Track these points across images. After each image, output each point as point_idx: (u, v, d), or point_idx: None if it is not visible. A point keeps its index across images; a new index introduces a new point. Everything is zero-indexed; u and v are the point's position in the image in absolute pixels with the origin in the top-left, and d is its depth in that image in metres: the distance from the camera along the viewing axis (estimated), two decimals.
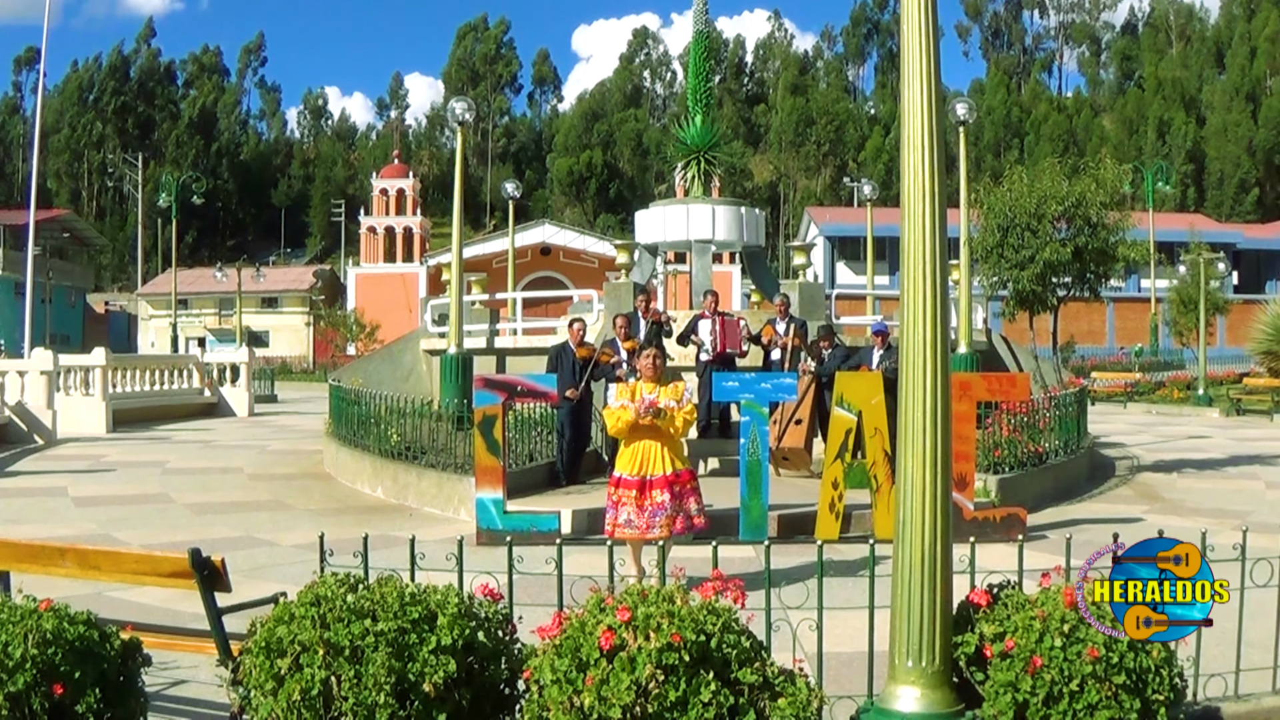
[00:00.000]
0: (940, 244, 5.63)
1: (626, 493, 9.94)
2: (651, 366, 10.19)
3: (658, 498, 9.87)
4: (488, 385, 12.92)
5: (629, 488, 9.93)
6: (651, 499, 9.87)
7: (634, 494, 9.89)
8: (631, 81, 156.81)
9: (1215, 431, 28.78)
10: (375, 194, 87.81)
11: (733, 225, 22.44)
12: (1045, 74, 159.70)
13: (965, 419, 12.61)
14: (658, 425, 9.95)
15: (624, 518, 9.93)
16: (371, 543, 6.75)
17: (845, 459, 12.72)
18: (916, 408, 5.67)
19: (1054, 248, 21.14)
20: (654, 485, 9.90)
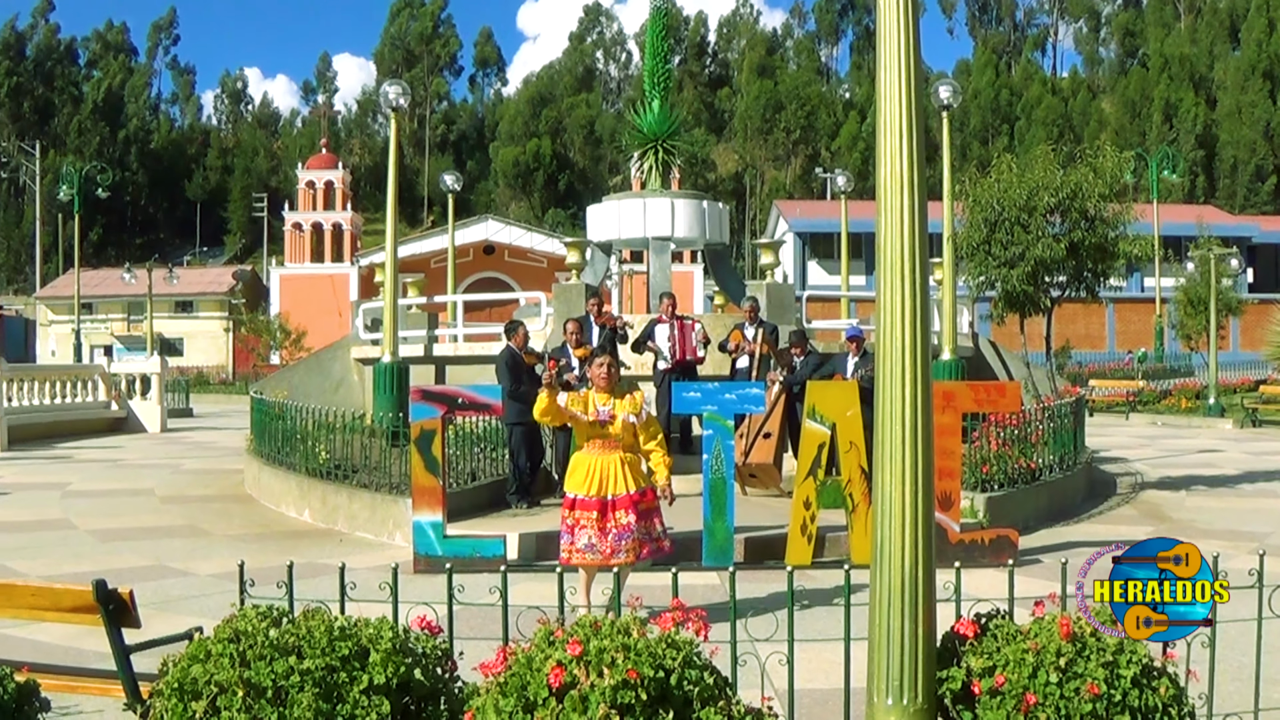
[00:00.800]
0: (921, 240, 5.65)
1: (586, 515, 9.79)
2: (605, 375, 10.04)
3: (623, 519, 9.77)
4: (426, 397, 12.87)
5: (588, 509, 9.79)
6: (616, 521, 9.76)
7: (595, 516, 9.75)
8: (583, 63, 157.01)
9: (1228, 445, 28.89)
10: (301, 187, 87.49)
11: (694, 221, 22.48)
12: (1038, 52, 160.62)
13: (949, 432, 12.66)
14: (615, 437, 9.91)
15: (584, 542, 9.76)
16: (297, 571, 6.70)
17: (818, 476, 12.74)
18: (895, 420, 5.68)
19: (1047, 244, 21.17)
20: (618, 506, 9.80)
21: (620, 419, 9.92)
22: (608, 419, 9.93)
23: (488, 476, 16.25)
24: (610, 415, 9.92)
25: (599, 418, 9.91)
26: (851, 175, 37.71)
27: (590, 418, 9.92)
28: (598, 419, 9.92)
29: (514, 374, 15.76)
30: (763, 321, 18.28)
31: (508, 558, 12.40)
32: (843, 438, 12.77)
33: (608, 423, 9.92)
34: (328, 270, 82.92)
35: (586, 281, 21.94)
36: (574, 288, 21.21)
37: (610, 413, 9.93)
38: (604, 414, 9.93)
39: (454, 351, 23.09)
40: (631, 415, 9.96)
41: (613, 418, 9.92)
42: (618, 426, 9.92)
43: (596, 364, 10.14)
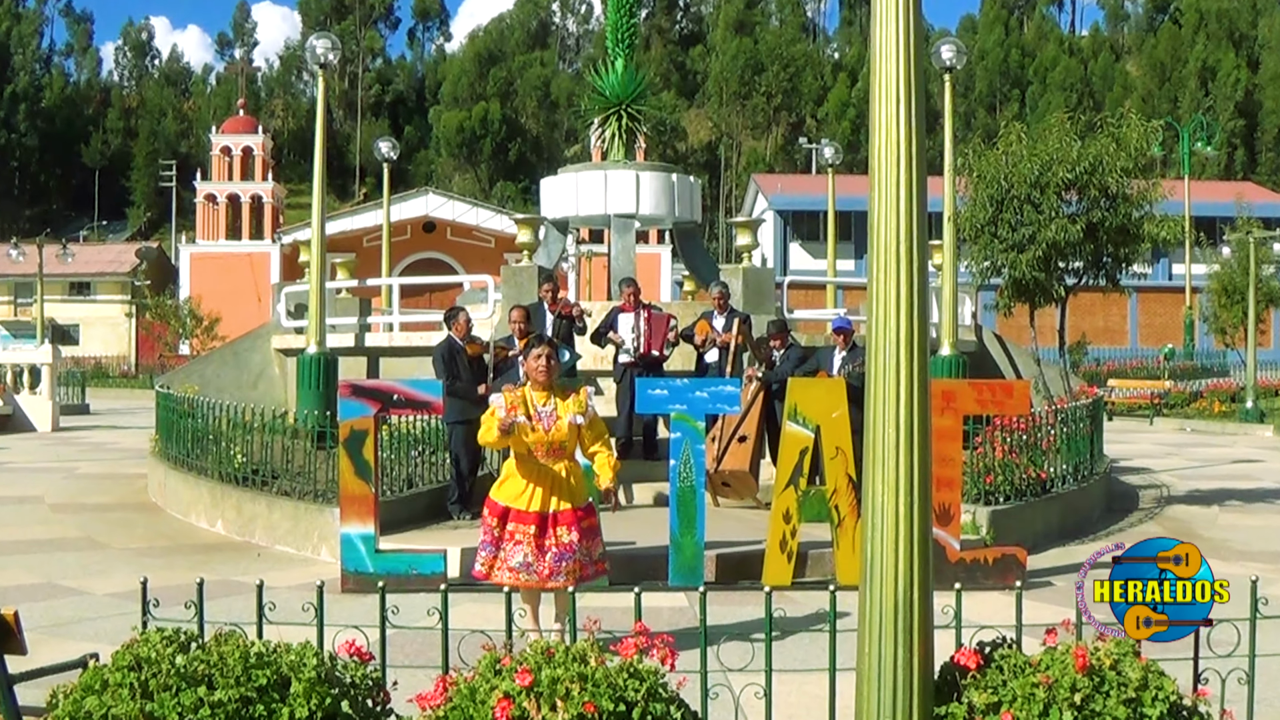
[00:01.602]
0: (919, 220, 5.65)
1: (523, 529, 9.54)
2: (545, 369, 9.76)
3: (564, 537, 9.52)
4: (356, 393, 12.82)
5: (526, 522, 9.55)
6: (557, 539, 9.51)
7: (532, 530, 9.51)
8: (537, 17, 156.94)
9: (1267, 454, 28.94)
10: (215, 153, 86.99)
11: (661, 196, 22.48)
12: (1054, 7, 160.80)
13: (949, 437, 12.70)
14: (559, 443, 9.73)
15: (518, 559, 9.49)
16: (208, 589, 6.67)
17: (800, 486, 12.77)
18: (888, 423, 5.69)
19: (1061, 225, 21.09)
20: (560, 522, 9.57)
21: (565, 421, 9.69)
22: (551, 421, 9.75)
23: (427, 483, 16.20)
24: (554, 417, 9.70)
25: (540, 420, 9.72)
26: (840, 146, 37.77)
27: (532, 422, 9.71)
28: (539, 421, 9.71)
29: (449, 366, 15.73)
30: (734, 310, 18.26)
31: (448, 575, 12.36)
32: (828, 442, 12.80)
33: (552, 426, 9.72)
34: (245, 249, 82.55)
35: (539, 264, 21.93)
36: (525, 271, 21.18)
37: (554, 414, 9.69)
38: (546, 416, 9.75)
39: (389, 342, 23.03)
40: (577, 416, 9.71)
41: (556, 419, 9.70)
42: (563, 431, 9.66)
43: (534, 355, 9.81)
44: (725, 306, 18.07)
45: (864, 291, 5.93)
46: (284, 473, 16.04)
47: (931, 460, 5.80)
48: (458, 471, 15.82)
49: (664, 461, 14.27)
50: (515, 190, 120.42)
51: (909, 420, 5.65)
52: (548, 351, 9.85)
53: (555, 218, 23.31)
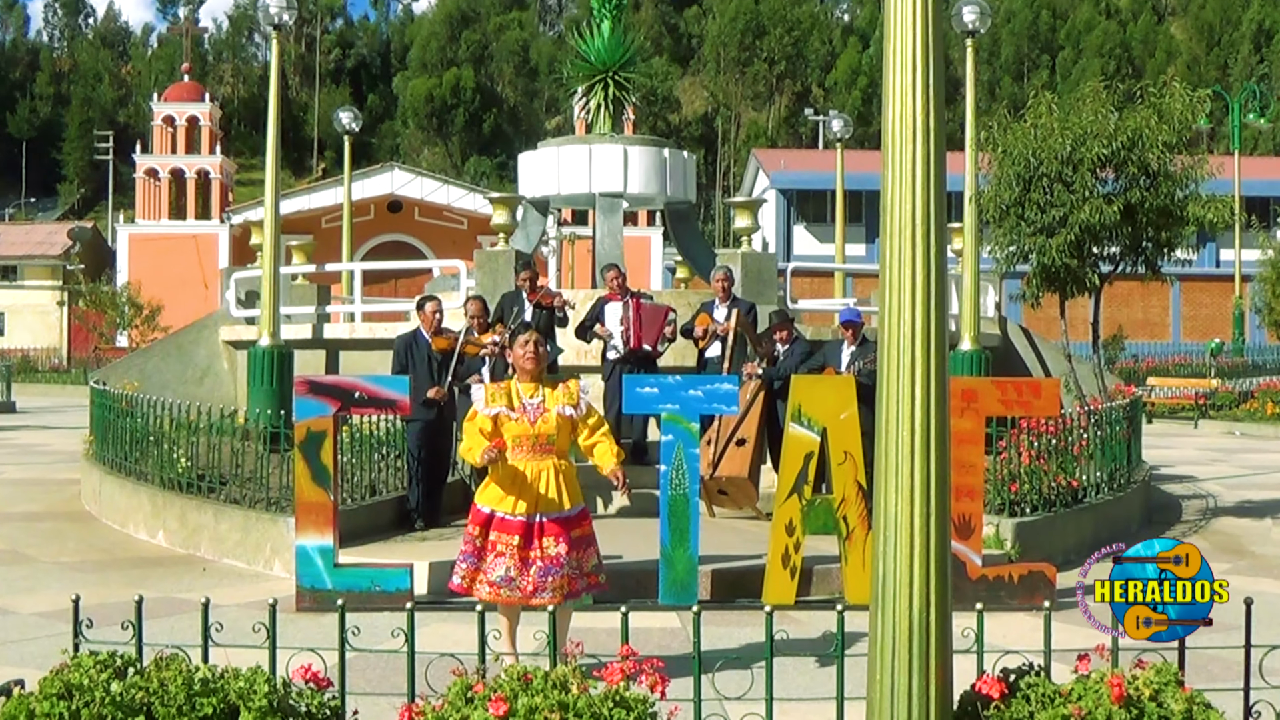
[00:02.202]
0: (937, 201, 5.66)
1: (506, 539, 9.50)
2: (533, 358, 9.81)
3: (551, 549, 9.49)
4: (314, 390, 12.80)
5: (510, 531, 9.51)
6: (542, 550, 9.48)
7: (516, 541, 9.47)
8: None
9: None
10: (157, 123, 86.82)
11: (652, 173, 22.48)
12: None
13: (970, 440, 12.70)
14: (547, 437, 9.70)
15: (500, 573, 9.46)
16: (149, 608, 6.66)
17: (804, 494, 12.76)
18: (901, 425, 5.69)
19: (1096, 205, 20.96)
20: (547, 530, 9.54)
21: (554, 414, 9.70)
22: (538, 415, 9.75)
23: (391, 490, 16.20)
24: (541, 410, 9.73)
25: (525, 413, 9.72)
26: (850, 118, 37.82)
27: (516, 415, 9.71)
28: (523, 414, 9.72)
29: (401, 357, 15.89)
30: (737, 299, 18.21)
31: (415, 592, 12.36)
32: (835, 446, 12.79)
33: (538, 418, 9.72)
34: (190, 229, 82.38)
35: (517, 248, 21.92)
36: (501, 255, 21.18)
37: (541, 406, 9.71)
38: (533, 409, 9.76)
39: (350, 334, 23.05)
40: (567, 408, 9.71)
41: (544, 412, 9.72)
42: (550, 423, 9.67)
43: (521, 343, 9.88)
44: (729, 294, 17.98)
45: (876, 280, 5.93)
46: (233, 479, 16.00)
47: (950, 467, 5.80)
48: (413, 472, 15.86)
49: (654, 467, 14.28)
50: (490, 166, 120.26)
51: (925, 422, 5.65)
52: (535, 339, 9.92)
53: (534, 197, 23.29)
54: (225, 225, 79.92)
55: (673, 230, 24.94)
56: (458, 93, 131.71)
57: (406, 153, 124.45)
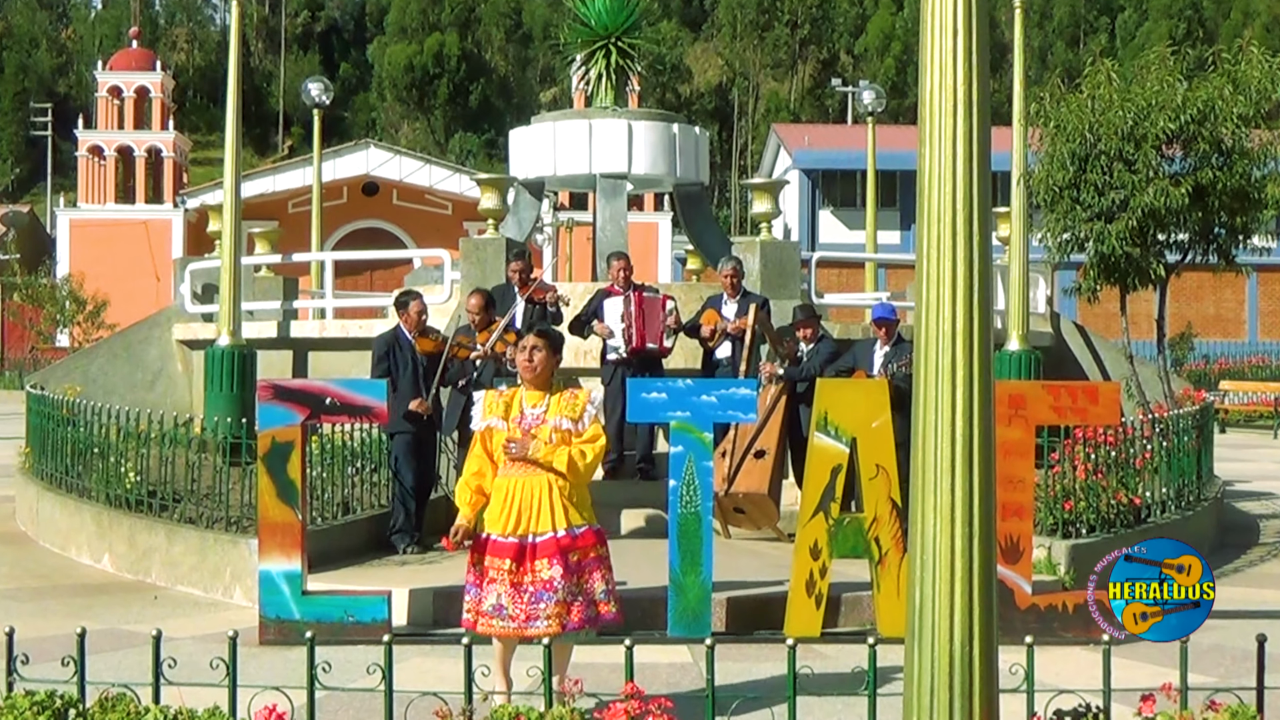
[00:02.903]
0: (980, 182, 5.64)
1: (497, 563, 9.54)
2: (528, 365, 9.82)
3: (544, 573, 9.48)
4: (279, 396, 12.81)
5: (501, 554, 9.54)
6: (535, 575, 9.48)
7: (508, 565, 9.50)
8: None
9: None
10: (102, 95, 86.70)
11: (659, 152, 22.47)
12: None
13: (1018, 452, 12.69)
14: (537, 460, 9.68)
15: (491, 602, 9.50)
16: (93, 641, 6.64)
17: (831, 513, 12.76)
18: (941, 435, 5.68)
19: (1161, 187, 20.83)
20: (539, 552, 9.53)
21: (549, 426, 9.71)
22: (536, 424, 9.74)
23: (367, 508, 16.21)
24: (540, 420, 9.73)
25: (522, 423, 9.71)
26: (882, 89, 37.85)
27: (511, 427, 9.71)
28: (518, 424, 9.71)
29: (381, 363, 15.81)
30: (749, 294, 18.19)
31: (393, 623, 12.37)
32: (866, 458, 12.79)
33: (533, 429, 9.70)
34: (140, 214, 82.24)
35: (508, 236, 21.88)
36: (490, 245, 21.15)
37: (541, 417, 9.73)
38: (533, 418, 9.75)
39: (320, 332, 23.02)
40: (564, 420, 9.71)
41: (542, 424, 9.71)
42: (543, 436, 9.68)
43: (523, 347, 9.90)
44: (738, 289, 17.99)
45: (912, 271, 5.91)
46: (188, 495, 15.99)
47: (996, 482, 5.79)
48: (401, 492, 15.82)
49: (661, 482, 14.27)
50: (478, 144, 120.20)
51: (967, 432, 5.64)
52: (534, 343, 9.91)
53: (528, 179, 23.27)
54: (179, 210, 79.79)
55: (683, 216, 24.91)
56: (441, 61, 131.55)
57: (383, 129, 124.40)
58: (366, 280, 56.28)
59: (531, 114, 25.87)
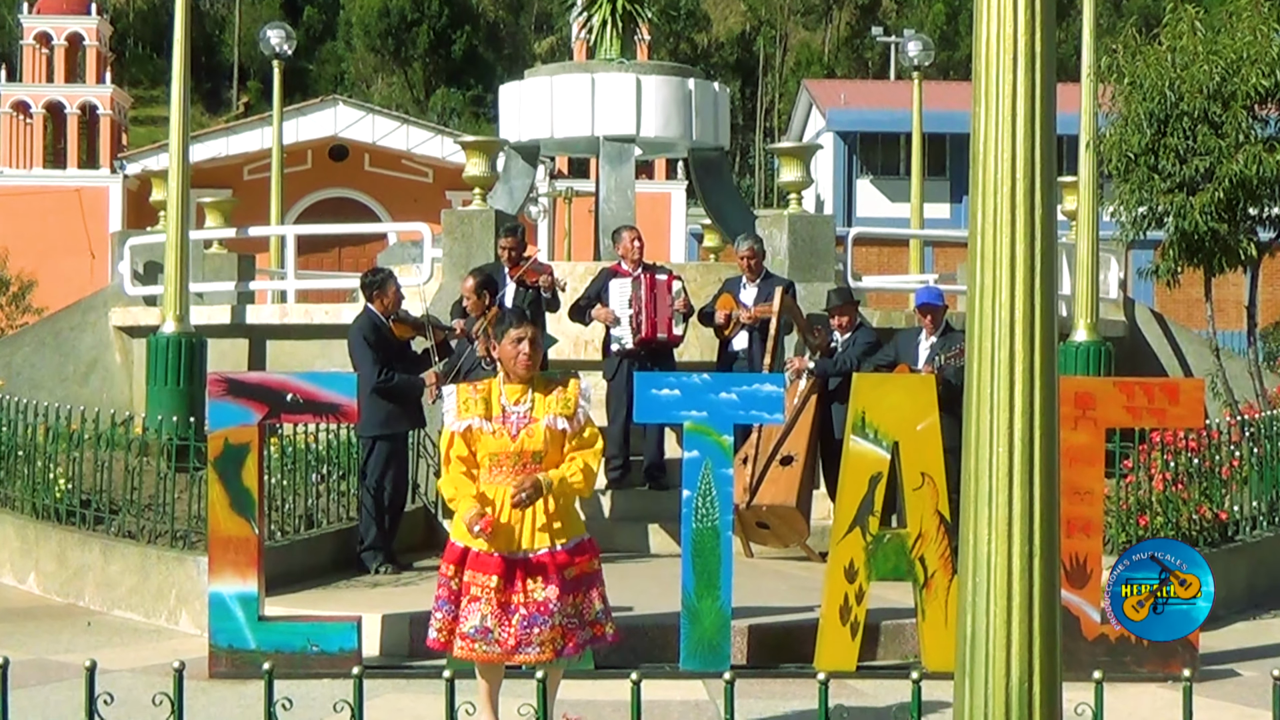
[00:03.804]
0: (1043, 147, 5.64)
1: (482, 579, 9.53)
2: (525, 355, 9.77)
3: (538, 593, 9.50)
4: (233, 391, 12.81)
5: (486, 570, 9.54)
6: (526, 595, 9.49)
7: (495, 584, 9.50)
8: None
9: None
10: (27, 43, 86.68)
11: (673, 111, 22.48)
12: None
13: (1086, 459, 12.68)
14: (533, 454, 9.61)
15: (474, 623, 9.50)
16: (16, 674, 6.66)
17: (869, 528, 12.77)
18: (996, 439, 5.68)
19: (1253, 153, 20.66)
20: (533, 570, 9.55)
21: (542, 425, 9.70)
22: (523, 424, 9.72)
23: (333, 521, 16.24)
24: (527, 420, 9.73)
25: (507, 424, 9.69)
26: (930, 40, 37.69)
27: (494, 428, 9.69)
28: (503, 425, 9.69)
29: (377, 353, 15.72)
30: (771, 276, 18.16)
31: (363, 653, 12.39)
32: (910, 466, 12.79)
33: (522, 430, 9.68)
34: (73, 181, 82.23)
35: (497, 208, 21.88)
36: (477, 217, 21.14)
37: (527, 416, 9.71)
38: (517, 418, 9.73)
39: (280, 318, 23.01)
40: (559, 419, 9.68)
41: (531, 423, 9.73)
42: (537, 438, 9.66)
43: (511, 338, 9.81)
44: (758, 270, 17.95)
45: (963, 250, 5.92)
46: (127, 506, 15.99)
47: (1059, 493, 5.79)
48: (375, 504, 15.79)
49: (673, 492, 14.30)
50: (462, 101, 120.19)
51: (1027, 435, 5.65)
52: (530, 334, 9.87)
53: (520, 141, 23.29)
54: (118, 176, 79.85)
55: (699, 185, 24.91)
56: (420, 5, 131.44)
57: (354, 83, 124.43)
58: (334, 258, 56.30)
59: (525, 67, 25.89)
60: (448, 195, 63.08)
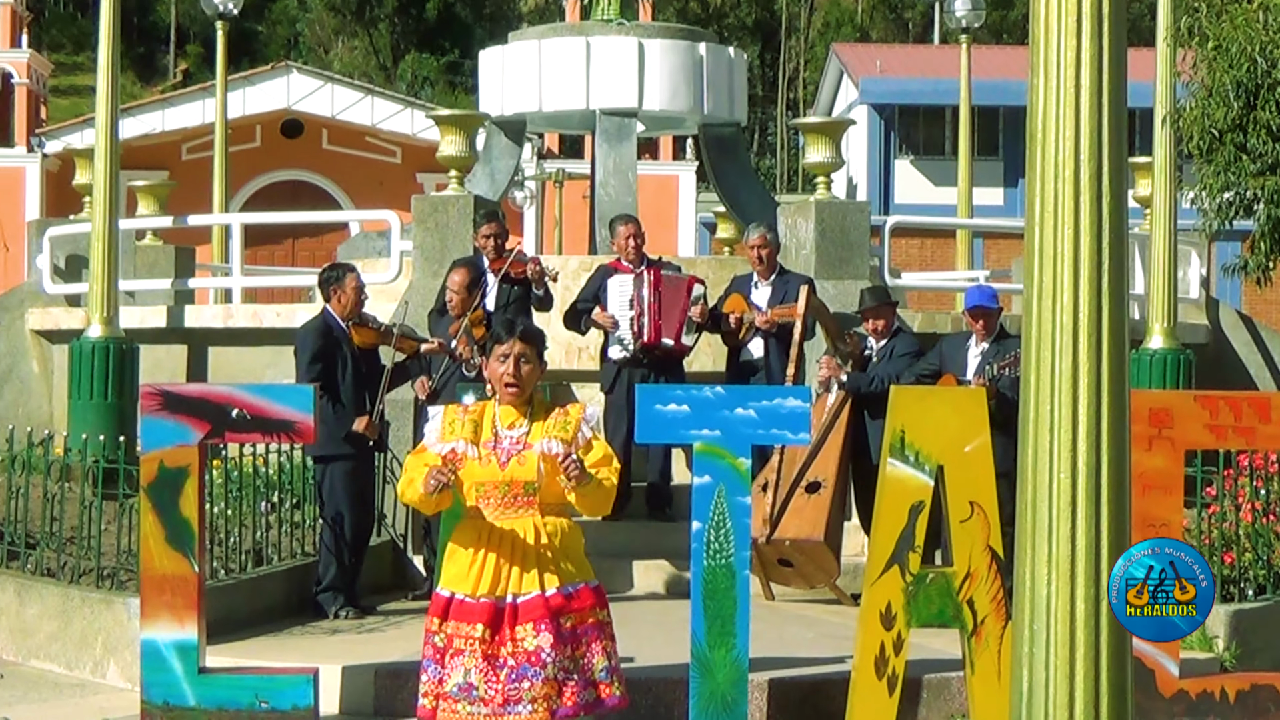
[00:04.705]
0: (1112, 123, 5.64)
1: (465, 629, 9.50)
2: (514, 377, 9.66)
3: (528, 642, 9.45)
4: (170, 407, 12.81)
5: (470, 619, 9.52)
6: (516, 645, 9.46)
7: (480, 633, 9.47)
8: None
9: None
10: None
11: (681, 81, 22.52)
12: None
13: (1162, 487, 12.68)
14: (527, 486, 9.58)
15: (457, 680, 9.47)
16: None
17: (910, 566, 12.77)
18: (1057, 463, 5.68)
19: None
20: (522, 615, 9.51)
21: (535, 452, 9.67)
22: (515, 451, 9.69)
23: (286, 557, 16.26)
24: (520, 445, 9.71)
25: (498, 450, 9.66)
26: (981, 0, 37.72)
27: (482, 454, 9.64)
28: (492, 452, 9.65)
29: (318, 363, 15.72)
30: (787, 272, 18.15)
31: (320, 711, 12.39)
32: (956, 493, 12.79)
33: (513, 458, 9.65)
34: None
35: (476, 193, 21.91)
36: (453, 204, 21.14)
37: (521, 441, 9.70)
38: (509, 444, 9.70)
39: (224, 320, 23.04)
40: (555, 443, 9.57)
41: (525, 449, 9.69)
42: (529, 466, 9.60)
43: (498, 354, 9.72)
44: (772, 265, 17.91)
45: (1018, 242, 5.93)
46: (46, 539, 16.00)
47: (1130, 526, 5.80)
48: (333, 537, 15.77)
49: (681, 524, 14.30)
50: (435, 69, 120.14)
51: (1093, 459, 5.65)
52: (519, 350, 9.73)
53: (503, 116, 23.34)
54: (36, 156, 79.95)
55: (712, 167, 24.95)
56: None
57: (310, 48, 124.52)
58: (287, 251, 56.43)
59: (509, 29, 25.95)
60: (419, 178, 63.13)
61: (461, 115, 22.82)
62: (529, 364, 9.73)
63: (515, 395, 9.70)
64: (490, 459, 9.59)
